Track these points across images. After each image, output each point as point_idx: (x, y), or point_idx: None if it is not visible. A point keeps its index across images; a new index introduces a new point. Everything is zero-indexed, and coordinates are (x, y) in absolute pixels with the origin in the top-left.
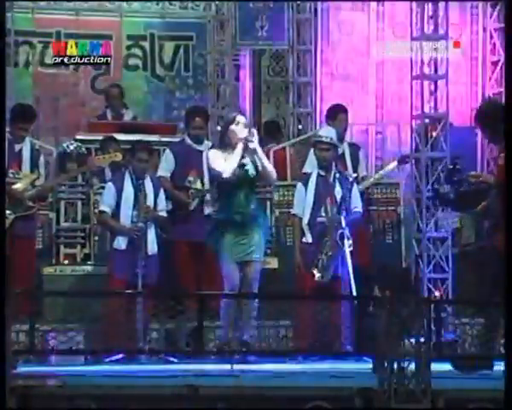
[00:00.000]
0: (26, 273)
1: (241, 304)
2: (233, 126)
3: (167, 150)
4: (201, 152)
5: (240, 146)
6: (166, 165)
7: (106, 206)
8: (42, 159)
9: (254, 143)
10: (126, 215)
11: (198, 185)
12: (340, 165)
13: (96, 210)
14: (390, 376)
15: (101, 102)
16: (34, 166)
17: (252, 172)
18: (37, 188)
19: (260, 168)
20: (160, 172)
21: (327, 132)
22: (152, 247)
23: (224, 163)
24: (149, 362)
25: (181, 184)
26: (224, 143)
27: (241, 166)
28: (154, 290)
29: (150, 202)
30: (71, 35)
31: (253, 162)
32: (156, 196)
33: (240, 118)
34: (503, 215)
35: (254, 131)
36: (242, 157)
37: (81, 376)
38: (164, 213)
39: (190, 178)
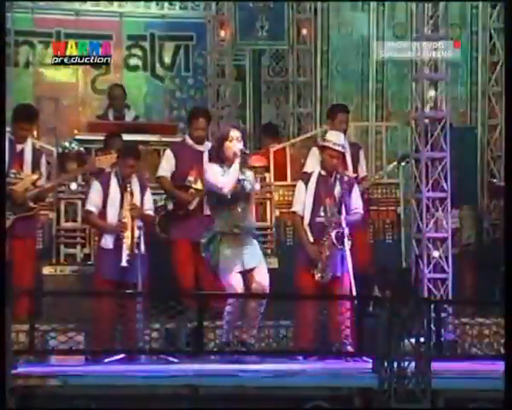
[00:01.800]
0: (26, 273)
1: (246, 307)
2: (227, 143)
3: (168, 150)
4: (202, 152)
5: (237, 161)
6: (167, 165)
7: (92, 205)
8: (43, 159)
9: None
10: (113, 214)
11: (198, 185)
12: (341, 165)
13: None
14: (390, 376)
15: (101, 102)
16: (35, 166)
17: (249, 185)
18: (39, 188)
19: None
20: (161, 172)
21: (338, 139)
22: (139, 246)
23: (222, 178)
24: (149, 362)
25: (181, 183)
26: (220, 158)
27: (239, 180)
28: (154, 290)
29: (136, 200)
30: (71, 35)
31: (250, 177)
32: (143, 195)
33: (234, 133)
34: (504, 215)
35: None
36: (240, 171)
37: (81, 376)
38: (151, 213)
39: (190, 178)
